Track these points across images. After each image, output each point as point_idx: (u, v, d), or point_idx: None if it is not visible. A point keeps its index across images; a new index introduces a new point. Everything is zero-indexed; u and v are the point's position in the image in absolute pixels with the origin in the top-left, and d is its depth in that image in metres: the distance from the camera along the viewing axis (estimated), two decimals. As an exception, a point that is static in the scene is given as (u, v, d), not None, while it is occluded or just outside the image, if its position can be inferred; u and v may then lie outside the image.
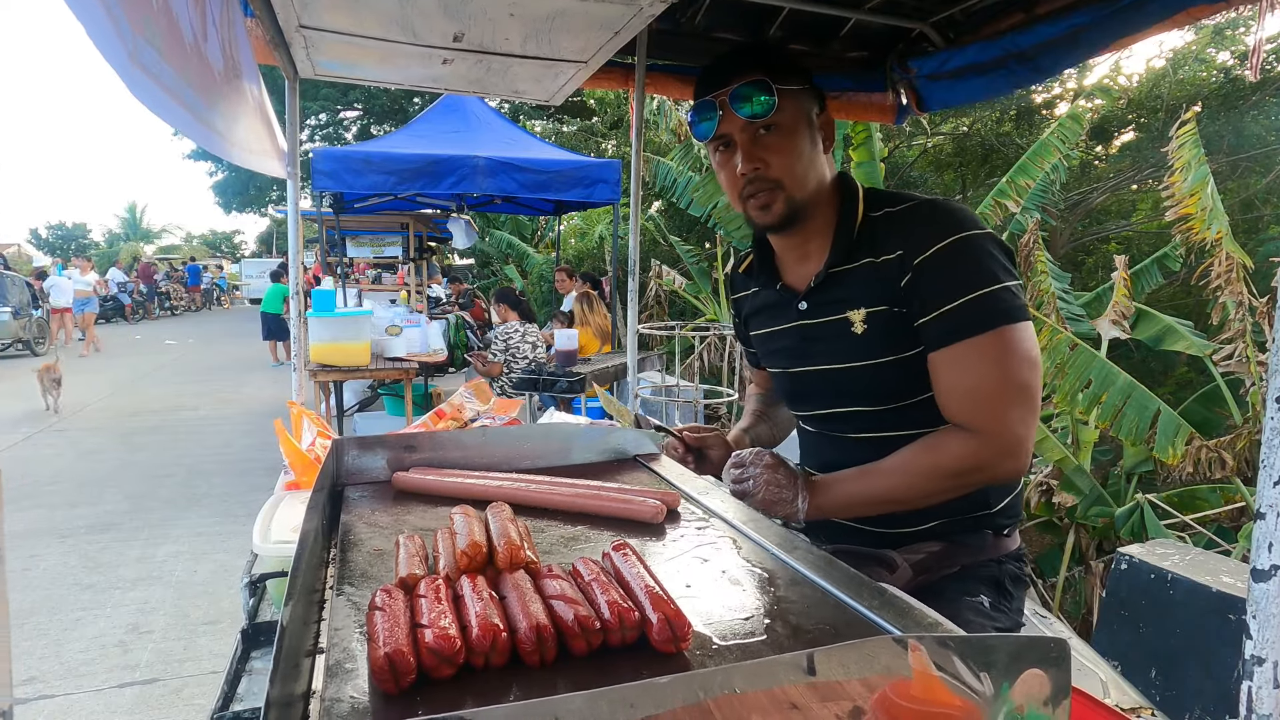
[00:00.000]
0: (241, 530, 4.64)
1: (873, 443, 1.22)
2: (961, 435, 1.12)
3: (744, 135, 1.17)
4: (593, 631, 0.65)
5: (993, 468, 1.12)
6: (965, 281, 1.10)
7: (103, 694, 2.92)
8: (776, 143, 1.16)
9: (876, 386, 1.20)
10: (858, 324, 1.19)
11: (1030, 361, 1.11)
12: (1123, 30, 1.69)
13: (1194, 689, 2.10)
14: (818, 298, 1.24)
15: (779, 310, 1.32)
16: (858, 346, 1.20)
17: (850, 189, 1.23)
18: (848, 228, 1.20)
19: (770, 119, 1.14)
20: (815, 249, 1.25)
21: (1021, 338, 1.10)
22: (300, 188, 2.64)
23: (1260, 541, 0.60)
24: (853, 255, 1.20)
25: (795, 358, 1.30)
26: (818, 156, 1.20)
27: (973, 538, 1.24)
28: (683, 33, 2.23)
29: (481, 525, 0.87)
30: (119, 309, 21.08)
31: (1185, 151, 4.49)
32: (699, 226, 9.53)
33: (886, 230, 1.17)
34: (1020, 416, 1.10)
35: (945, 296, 1.10)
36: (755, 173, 1.17)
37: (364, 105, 20.20)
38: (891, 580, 1.20)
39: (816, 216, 1.22)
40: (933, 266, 1.11)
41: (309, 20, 1.83)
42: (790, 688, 0.53)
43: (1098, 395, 4.02)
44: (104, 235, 46.79)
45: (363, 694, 0.60)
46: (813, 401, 1.31)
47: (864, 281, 1.18)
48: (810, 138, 1.19)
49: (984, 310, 1.09)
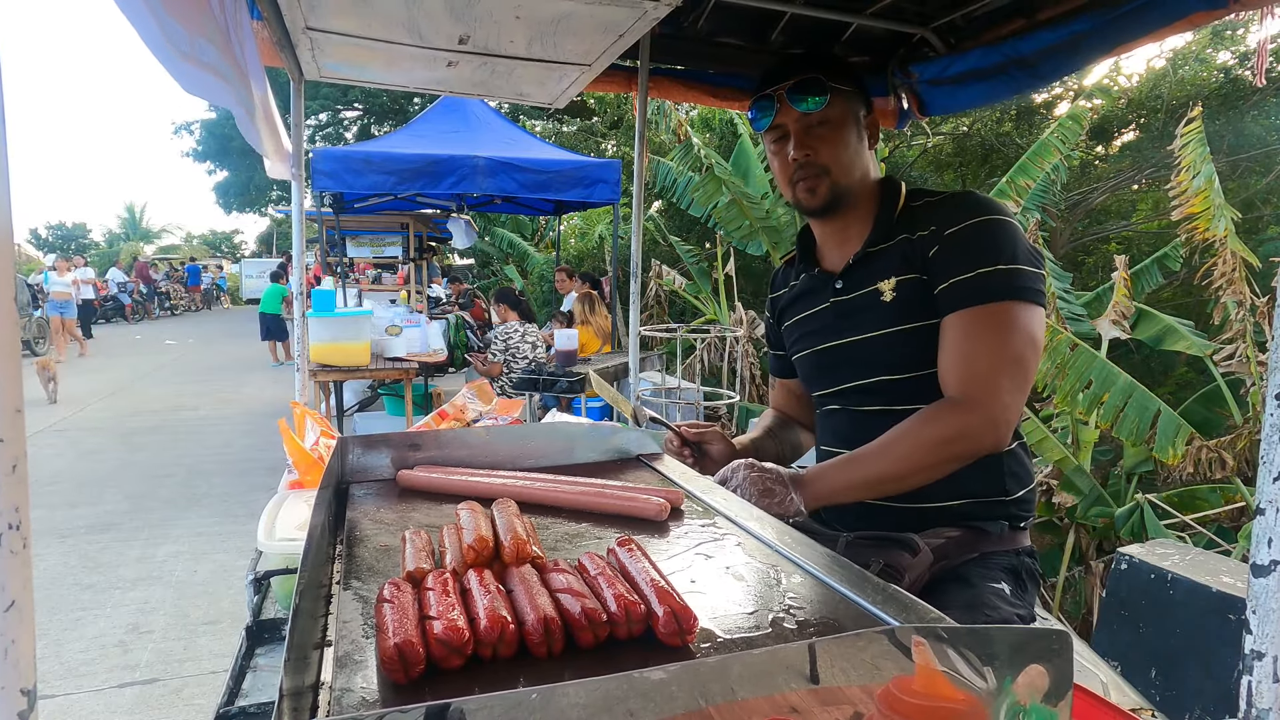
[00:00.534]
0: (241, 530, 4.64)
1: (893, 415, 1.25)
2: (947, 404, 1.18)
3: (798, 126, 1.28)
4: (599, 624, 0.65)
5: (975, 438, 1.16)
6: (987, 255, 1.17)
7: (103, 694, 2.92)
8: (826, 134, 1.28)
9: (899, 355, 1.26)
10: (887, 292, 1.27)
11: (1030, 340, 1.16)
12: (1124, 36, 1.69)
13: (1194, 689, 2.11)
14: (853, 275, 1.33)
15: (815, 293, 1.40)
16: (885, 315, 1.27)
17: (893, 185, 1.34)
18: (888, 213, 1.31)
19: (822, 113, 1.26)
20: (855, 234, 1.34)
21: (1027, 317, 1.16)
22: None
23: (1260, 537, 0.61)
24: (891, 235, 1.29)
25: (826, 334, 1.37)
26: (863, 150, 1.32)
27: (991, 525, 1.27)
28: (685, 37, 2.23)
29: (487, 520, 0.88)
30: (119, 309, 21.07)
31: (1191, 150, 4.49)
32: (699, 226, 9.54)
33: (925, 213, 1.27)
34: (1008, 388, 1.15)
35: (965, 266, 1.18)
36: (806, 159, 1.28)
37: (364, 105, 20.22)
38: (913, 564, 1.22)
39: (858, 205, 1.33)
40: (960, 238, 1.20)
41: (315, 22, 1.84)
42: (796, 674, 0.54)
43: (1098, 395, 4.03)
44: (104, 235, 46.78)
45: (372, 684, 0.60)
46: (837, 375, 1.36)
47: (898, 254, 1.27)
48: (857, 133, 1.31)
49: (997, 283, 1.16)
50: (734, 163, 7.92)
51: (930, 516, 1.27)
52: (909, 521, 1.27)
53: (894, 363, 1.27)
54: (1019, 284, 1.16)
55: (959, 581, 1.21)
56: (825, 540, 1.33)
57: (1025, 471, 1.30)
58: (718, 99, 2.46)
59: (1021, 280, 1.16)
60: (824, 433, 1.45)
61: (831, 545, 1.31)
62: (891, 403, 1.28)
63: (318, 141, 20.22)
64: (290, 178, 2.47)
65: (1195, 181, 4.43)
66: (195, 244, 48.33)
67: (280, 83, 2.39)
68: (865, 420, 1.31)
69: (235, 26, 1.41)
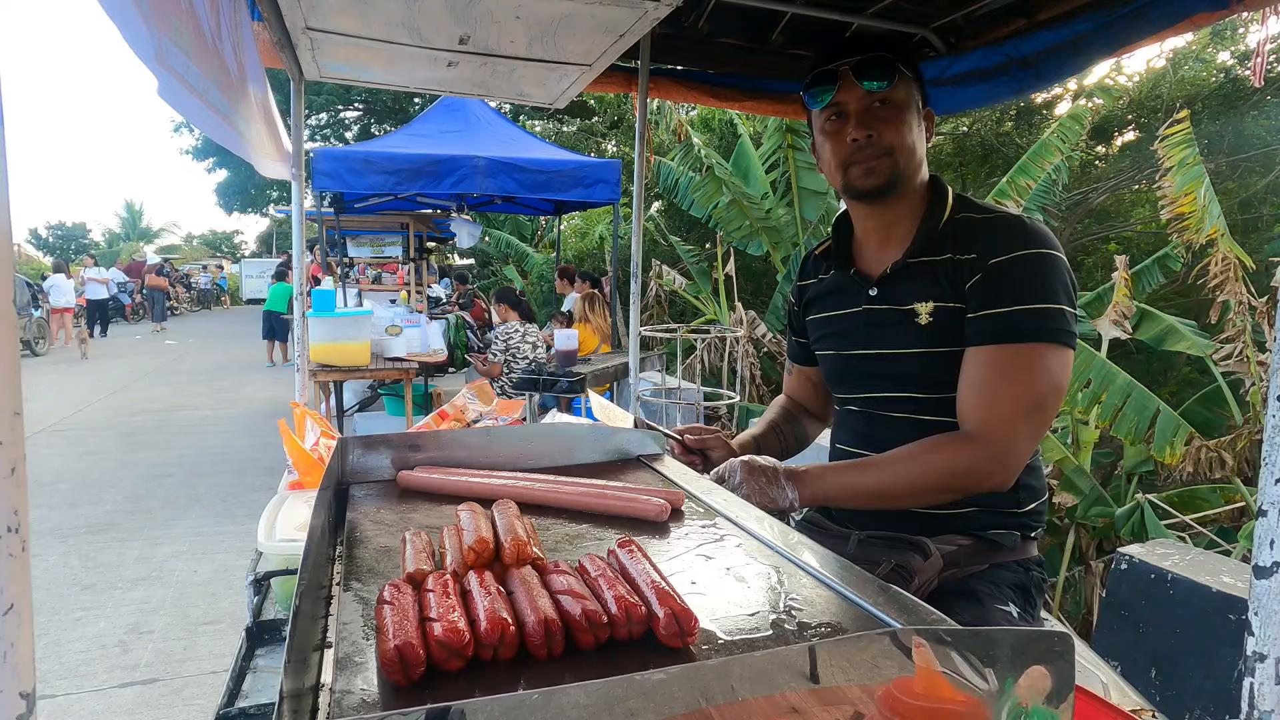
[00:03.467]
0: (241, 530, 4.64)
1: (916, 424, 1.25)
2: (962, 438, 1.16)
3: (860, 104, 1.22)
4: (600, 626, 0.65)
5: (983, 475, 1.15)
6: (1029, 292, 1.13)
7: (103, 694, 2.92)
8: (890, 115, 1.22)
9: (930, 375, 1.24)
10: (924, 315, 1.22)
11: (1054, 386, 1.13)
12: (1124, 37, 1.68)
13: (1194, 689, 2.10)
14: (890, 286, 1.28)
15: (847, 294, 1.36)
16: (919, 336, 1.23)
17: (942, 189, 1.29)
18: (933, 222, 1.25)
19: (886, 93, 1.21)
20: (898, 234, 1.29)
21: (1057, 361, 1.13)
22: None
23: (1262, 538, 0.61)
24: (935, 249, 1.24)
25: (855, 341, 1.33)
26: (921, 140, 1.27)
27: (1003, 536, 1.26)
28: (685, 37, 2.23)
29: (488, 522, 0.88)
30: (119, 309, 21.07)
31: (1178, 151, 4.51)
32: (699, 226, 9.54)
33: (970, 234, 1.21)
34: (1025, 432, 1.13)
35: (1004, 300, 1.14)
36: (868, 139, 1.22)
37: (365, 105, 20.22)
38: (923, 567, 1.22)
39: (909, 198, 1.27)
40: (1003, 270, 1.15)
41: (316, 22, 1.83)
42: (797, 676, 0.54)
43: (1098, 395, 4.03)
44: (104, 235, 46.77)
45: (372, 686, 0.60)
46: (863, 383, 1.34)
47: (941, 276, 1.22)
48: (917, 122, 1.26)
49: (1033, 323, 1.12)
50: (734, 163, 7.93)
51: (942, 523, 1.26)
52: (920, 525, 1.27)
53: (923, 381, 1.25)
54: (1054, 325, 1.12)
55: (967, 597, 1.21)
56: (836, 539, 1.34)
57: (1038, 484, 1.30)
58: (718, 99, 2.46)
59: (1058, 322, 1.13)
60: (841, 430, 1.44)
61: (843, 544, 1.32)
62: (916, 412, 1.27)
63: (317, 141, 20.23)
64: (290, 178, 2.47)
65: (1179, 181, 4.44)
66: (195, 244, 48.32)
67: (280, 82, 2.39)
68: (886, 424, 1.30)
69: (234, 28, 1.41)
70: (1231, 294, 4.38)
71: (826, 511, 1.42)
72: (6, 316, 0.39)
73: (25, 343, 14.09)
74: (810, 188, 7.32)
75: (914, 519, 1.27)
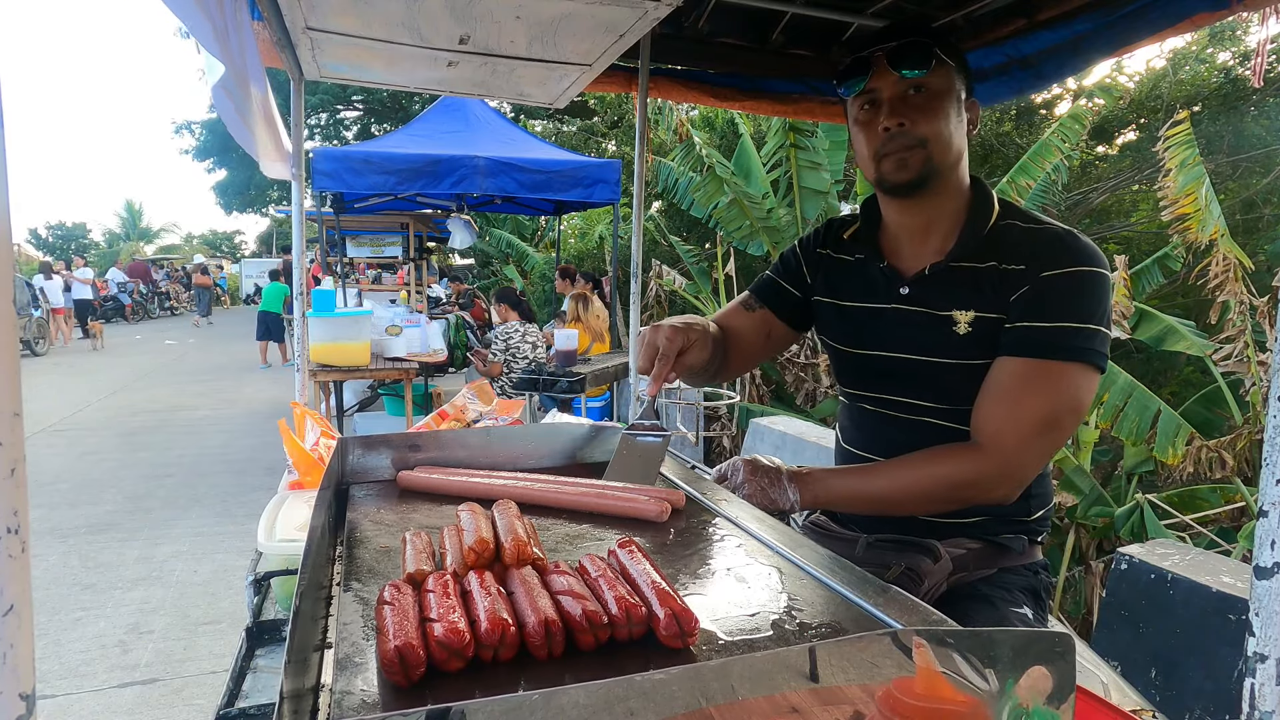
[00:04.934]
0: (241, 530, 4.64)
1: (932, 429, 1.21)
2: (970, 449, 1.14)
3: (894, 91, 1.15)
4: (600, 626, 0.65)
5: (989, 489, 1.13)
6: (1073, 310, 1.10)
7: (103, 694, 2.92)
8: (925, 103, 1.14)
9: (960, 387, 1.19)
10: (962, 325, 1.17)
11: (1075, 407, 1.11)
12: (1125, 37, 1.68)
13: (1194, 689, 2.11)
14: (926, 288, 1.21)
15: (874, 286, 1.28)
16: (955, 346, 1.18)
17: (984, 190, 1.22)
18: (978, 226, 1.18)
19: (923, 80, 1.13)
20: (936, 234, 1.22)
21: (1084, 382, 1.10)
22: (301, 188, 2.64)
23: (1263, 539, 0.61)
24: (978, 255, 1.17)
25: (880, 340, 1.27)
26: (961, 133, 1.18)
27: (1012, 541, 1.25)
28: (685, 37, 2.23)
29: (488, 522, 0.88)
30: (119, 309, 21.09)
31: (1178, 152, 4.52)
32: (699, 226, 9.53)
33: (1019, 243, 1.15)
34: (1037, 450, 1.11)
35: (1047, 314, 1.10)
36: (900, 129, 1.14)
37: (364, 104, 20.22)
38: (933, 570, 1.21)
39: (948, 195, 1.20)
40: (1053, 285, 1.11)
41: (316, 22, 1.83)
42: (797, 676, 0.54)
43: (1099, 395, 4.03)
44: (104, 235, 46.76)
45: (372, 687, 0.60)
46: (883, 384, 1.28)
47: (985, 284, 1.16)
48: (957, 112, 1.17)
49: (1070, 341, 1.09)
50: (735, 163, 7.92)
51: (951, 528, 1.25)
52: (928, 529, 1.25)
53: (951, 391, 1.20)
54: (1090, 346, 1.09)
55: (981, 601, 1.19)
56: (844, 542, 1.33)
57: (1046, 491, 1.29)
58: (718, 99, 2.45)
59: (1094, 343, 1.09)
60: (850, 428, 1.38)
61: (851, 547, 1.30)
62: (935, 419, 1.23)
63: (317, 141, 20.23)
64: (290, 178, 2.47)
65: (1180, 182, 4.45)
66: (195, 244, 48.32)
67: (280, 82, 2.39)
68: (901, 427, 1.26)
69: (235, 27, 1.41)
70: (1231, 294, 4.39)
71: (833, 514, 1.41)
72: (6, 316, 0.39)
73: (25, 343, 14.09)
74: (812, 187, 7.31)
75: (921, 522, 1.26)
